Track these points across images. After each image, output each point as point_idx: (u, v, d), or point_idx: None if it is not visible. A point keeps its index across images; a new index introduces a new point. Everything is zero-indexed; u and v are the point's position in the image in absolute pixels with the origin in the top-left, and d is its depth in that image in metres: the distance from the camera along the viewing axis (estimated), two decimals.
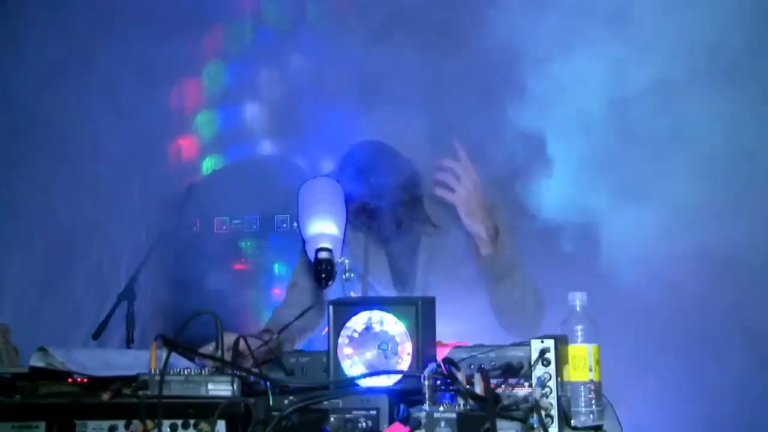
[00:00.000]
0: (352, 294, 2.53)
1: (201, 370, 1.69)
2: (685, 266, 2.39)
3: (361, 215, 2.50)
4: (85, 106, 4.02)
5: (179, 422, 1.59)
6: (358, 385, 1.70)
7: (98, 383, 1.79)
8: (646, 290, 2.31)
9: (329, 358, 1.77)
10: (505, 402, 1.59)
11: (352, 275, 2.07)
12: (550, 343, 1.61)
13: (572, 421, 1.64)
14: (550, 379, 1.60)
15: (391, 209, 2.51)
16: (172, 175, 4.31)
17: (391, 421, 1.58)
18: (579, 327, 1.68)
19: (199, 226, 4.58)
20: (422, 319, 1.74)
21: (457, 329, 2.17)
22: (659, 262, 2.28)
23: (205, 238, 4.57)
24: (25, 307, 4.18)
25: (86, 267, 4.48)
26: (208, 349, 1.88)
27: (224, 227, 4.60)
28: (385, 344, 1.75)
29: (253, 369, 1.75)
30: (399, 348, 1.74)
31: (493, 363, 1.80)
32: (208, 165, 4.66)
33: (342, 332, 1.76)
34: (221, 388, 1.64)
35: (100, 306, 4.12)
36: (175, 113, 4.49)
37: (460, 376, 1.65)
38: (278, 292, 4.29)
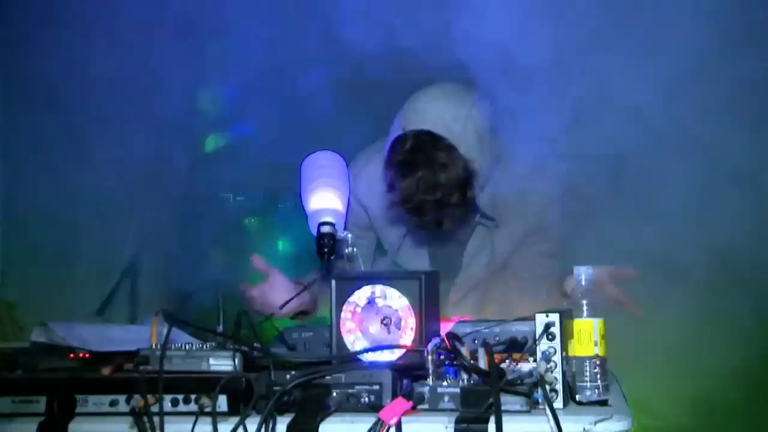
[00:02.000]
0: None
1: (203, 345, 1.68)
2: None
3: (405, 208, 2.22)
4: (94, 81, 3.98)
5: (180, 397, 1.59)
6: (360, 359, 1.68)
7: (100, 358, 1.78)
8: None
9: (332, 333, 1.75)
10: (510, 377, 1.57)
11: (355, 250, 2.05)
12: (555, 317, 1.60)
13: (577, 396, 1.63)
14: (554, 353, 1.59)
15: (436, 208, 2.18)
16: (175, 153, 4.29)
17: (394, 396, 1.56)
18: (584, 301, 1.67)
19: None
20: (426, 293, 1.71)
21: None
22: None
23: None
24: (30, 284, 4.18)
25: (91, 244, 4.47)
26: None
27: None
28: (389, 318, 1.73)
29: (254, 344, 1.73)
30: (402, 322, 1.72)
31: (497, 338, 1.78)
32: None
33: (345, 306, 1.74)
34: (223, 363, 1.63)
35: (104, 283, 4.12)
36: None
37: (464, 350, 1.64)
38: None
